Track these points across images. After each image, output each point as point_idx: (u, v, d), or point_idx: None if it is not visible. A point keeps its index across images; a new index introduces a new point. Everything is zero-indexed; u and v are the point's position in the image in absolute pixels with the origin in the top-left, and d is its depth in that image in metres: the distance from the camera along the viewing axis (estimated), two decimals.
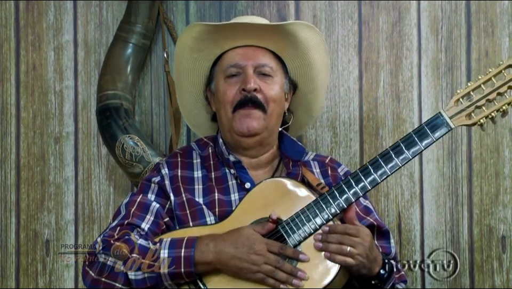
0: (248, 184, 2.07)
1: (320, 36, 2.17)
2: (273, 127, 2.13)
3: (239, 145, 2.11)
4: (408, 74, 2.66)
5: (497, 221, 2.63)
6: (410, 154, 1.92)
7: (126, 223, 2.00)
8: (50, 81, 2.74)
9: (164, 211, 2.05)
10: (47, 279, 2.71)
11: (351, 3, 2.68)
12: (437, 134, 1.92)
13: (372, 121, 2.67)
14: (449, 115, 1.92)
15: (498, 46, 2.65)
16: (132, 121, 2.60)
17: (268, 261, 1.86)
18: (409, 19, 2.67)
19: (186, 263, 1.87)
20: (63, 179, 2.72)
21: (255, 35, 2.11)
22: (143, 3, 2.62)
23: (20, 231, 2.73)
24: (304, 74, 2.20)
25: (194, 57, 2.17)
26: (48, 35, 2.75)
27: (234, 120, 2.07)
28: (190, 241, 1.90)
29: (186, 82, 2.23)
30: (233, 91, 2.08)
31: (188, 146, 2.23)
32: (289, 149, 2.16)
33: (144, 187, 2.10)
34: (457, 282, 2.62)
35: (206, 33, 2.11)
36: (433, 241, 2.64)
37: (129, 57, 2.63)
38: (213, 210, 2.03)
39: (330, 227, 1.90)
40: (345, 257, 1.87)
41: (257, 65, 2.10)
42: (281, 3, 2.69)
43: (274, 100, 2.09)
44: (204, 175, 2.11)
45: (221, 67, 2.13)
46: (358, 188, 1.92)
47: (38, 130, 2.74)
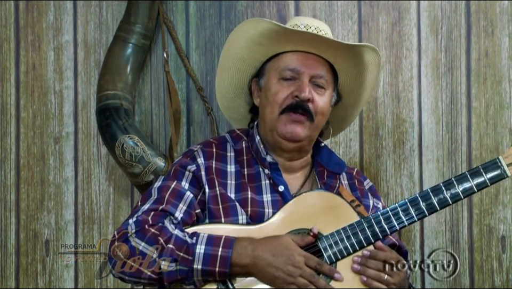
0: (281, 187, 2.05)
1: (380, 59, 2.15)
2: (314, 137, 2.13)
3: (278, 146, 2.10)
4: (408, 74, 2.66)
5: (497, 221, 2.63)
6: (462, 194, 1.93)
7: (160, 208, 1.95)
8: (50, 81, 2.74)
9: (196, 202, 2.02)
10: (46, 279, 2.71)
11: (350, 3, 2.68)
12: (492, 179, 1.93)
13: (371, 121, 2.67)
14: (507, 163, 1.93)
15: (498, 46, 2.65)
16: (131, 121, 2.60)
17: (304, 274, 1.86)
18: (409, 20, 2.67)
19: (222, 263, 1.85)
20: (63, 179, 2.72)
21: (319, 45, 2.07)
22: (143, 4, 2.61)
23: (19, 231, 2.73)
24: (353, 89, 2.19)
25: (252, 48, 2.13)
26: (48, 36, 2.75)
27: (279, 121, 2.05)
28: (228, 241, 1.88)
29: (233, 68, 2.19)
30: (285, 94, 2.05)
31: (222, 137, 2.18)
32: (326, 159, 2.15)
33: (179, 174, 2.05)
34: (457, 282, 2.63)
35: (273, 32, 2.07)
36: (433, 241, 2.64)
37: (129, 57, 2.63)
38: (245, 208, 2.00)
39: (372, 252, 1.91)
40: (381, 285, 1.89)
41: (314, 75, 2.07)
42: (281, 4, 2.69)
43: (323, 113, 2.08)
44: (237, 170, 2.08)
45: (277, 66, 2.10)
46: (404, 218, 1.93)
47: (37, 130, 2.74)
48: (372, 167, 2.66)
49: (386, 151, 2.67)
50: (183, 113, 2.67)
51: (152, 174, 2.53)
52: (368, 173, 2.63)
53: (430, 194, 1.94)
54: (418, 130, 2.66)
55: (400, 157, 2.66)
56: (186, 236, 1.89)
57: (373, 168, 2.66)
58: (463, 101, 2.65)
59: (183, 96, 2.69)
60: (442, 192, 1.93)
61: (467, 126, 2.65)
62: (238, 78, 2.20)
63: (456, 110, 2.65)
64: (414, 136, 2.66)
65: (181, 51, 2.68)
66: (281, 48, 2.10)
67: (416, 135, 2.66)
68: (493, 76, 2.65)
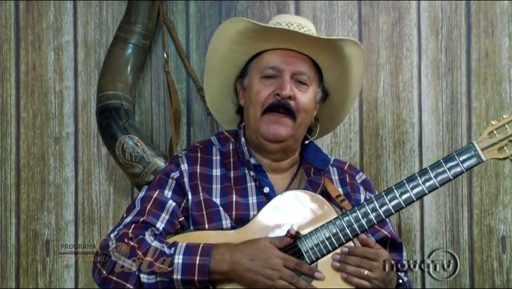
0: (267, 189, 2.04)
1: (363, 53, 2.12)
2: (299, 136, 2.11)
3: (262, 147, 2.09)
4: (408, 75, 2.66)
5: (497, 221, 2.63)
6: (438, 182, 1.92)
7: (140, 220, 1.97)
8: (50, 82, 2.74)
9: (180, 210, 2.02)
10: (47, 279, 2.71)
11: (351, 3, 2.68)
12: (467, 164, 1.91)
13: (371, 121, 2.67)
14: (482, 147, 1.91)
15: (498, 46, 2.65)
16: (132, 122, 2.60)
17: (283, 277, 1.85)
18: (409, 20, 2.67)
19: (201, 271, 1.86)
20: (63, 179, 2.72)
21: (300, 41, 2.06)
22: (143, 4, 2.61)
23: (20, 231, 2.73)
24: (339, 85, 2.16)
25: (233, 48, 2.12)
26: (48, 36, 2.75)
27: (262, 122, 2.04)
28: (206, 248, 1.88)
29: (218, 69, 2.18)
30: (267, 92, 2.04)
31: (207, 141, 2.18)
32: (313, 156, 2.14)
33: (162, 182, 2.06)
34: (457, 282, 2.63)
35: (252, 31, 2.06)
36: (433, 241, 2.64)
37: (129, 57, 2.62)
38: (230, 212, 2.00)
39: (350, 249, 1.90)
40: (362, 281, 1.87)
41: (296, 72, 2.05)
42: (281, 4, 2.69)
43: (306, 110, 2.06)
44: (222, 173, 2.08)
45: (259, 65, 2.09)
46: (381, 211, 1.92)
47: (38, 131, 2.74)
48: (372, 167, 2.66)
49: (386, 151, 2.67)
50: (183, 114, 2.67)
51: (152, 174, 2.53)
52: (368, 173, 2.63)
53: (406, 185, 1.92)
54: (418, 130, 2.66)
55: (401, 157, 2.66)
56: (165, 247, 1.90)
57: (373, 168, 2.66)
58: (463, 101, 2.65)
59: (183, 96, 2.69)
60: (418, 182, 1.92)
61: (467, 126, 2.65)
62: (223, 79, 2.20)
63: (457, 110, 2.65)
64: (414, 136, 2.66)
65: (181, 52, 2.68)
66: (262, 46, 2.09)
67: (417, 135, 2.66)
68: (493, 76, 2.65)
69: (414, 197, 1.91)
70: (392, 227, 2.15)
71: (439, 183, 1.91)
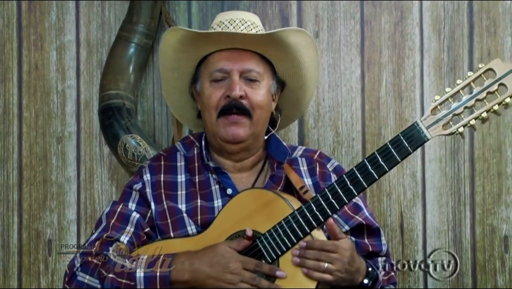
0: (229, 190, 2.04)
1: (310, 38, 2.11)
2: (259, 132, 2.09)
3: (223, 149, 2.09)
4: (411, 74, 2.66)
5: (499, 221, 2.63)
6: (387, 165, 1.85)
7: (104, 236, 1.99)
8: (52, 81, 2.74)
9: (145, 221, 2.03)
10: (49, 278, 2.71)
11: (353, 3, 2.68)
12: (413, 144, 1.84)
13: (374, 120, 2.67)
14: (426, 125, 1.84)
15: (501, 46, 2.65)
16: (134, 121, 2.60)
17: (244, 279, 1.84)
18: (412, 19, 2.67)
19: (162, 283, 1.86)
20: (65, 179, 2.72)
21: (242, 39, 2.04)
22: (145, 3, 2.62)
23: (22, 231, 2.73)
24: (294, 73, 2.14)
25: (179, 56, 2.12)
26: (51, 35, 2.75)
27: (218, 126, 2.04)
28: (166, 260, 1.88)
29: (171, 78, 2.19)
30: (218, 96, 2.03)
31: (172, 147, 2.19)
32: (275, 149, 2.12)
33: (126, 195, 2.08)
34: (459, 282, 2.62)
35: (190, 38, 2.06)
36: (436, 241, 2.64)
37: (131, 57, 2.63)
38: (195, 218, 2.01)
39: (308, 243, 1.87)
40: (323, 274, 1.84)
41: (243, 70, 2.04)
42: (283, 3, 2.69)
43: (261, 106, 2.05)
44: (187, 179, 2.08)
45: (207, 69, 2.08)
46: (335, 202, 1.87)
47: (40, 130, 2.74)
48: None
49: None
50: None
51: None
52: None
53: (356, 172, 1.86)
54: None
55: None
56: (127, 262, 1.91)
57: None
58: None
59: None
60: (368, 169, 1.85)
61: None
62: (178, 87, 2.20)
63: None
64: None
65: None
66: (205, 50, 2.08)
67: None
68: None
69: (364, 182, 1.86)
70: (368, 212, 2.11)
71: (388, 166, 1.85)
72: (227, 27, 2.07)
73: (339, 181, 1.88)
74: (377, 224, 2.12)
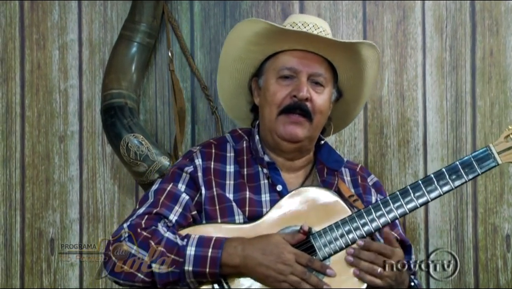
0: (279, 187, 2.05)
1: (378, 54, 2.13)
2: (314, 136, 2.12)
3: (277, 146, 2.09)
4: (413, 73, 2.66)
5: (501, 220, 2.63)
6: (454, 185, 1.92)
7: (154, 212, 1.97)
8: (55, 80, 2.75)
9: (193, 204, 2.02)
10: (51, 278, 2.71)
11: (355, 2, 2.68)
12: (482, 167, 1.92)
13: (376, 120, 2.67)
14: (498, 151, 1.92)
15: (503, 45, 2.65)
16: (136, 120, 2.60)
17: (295, 272, 1.85)
18: (414, 18, 2.67)
19: (212, 263, 1.86)
20: (67, 178, 2.73)
21: (317, 43, 2.06)
22: (148, 3, 2.62)
23: (24, 230, 2.73)
24: (353, 85, 2.16)
25: (249, 48, 2.11)
26: (53, 34, 2.75)
27: (278, 123, 2.05)
28: (218, 242, 1.88)
29: (232, 68, 2.18)
30: (283, 94, 2.04)
31: (222, 137, 2.19)
32: (326, 156, 2.14)
33: (176, 176, 2.06)
34: (461, 281, 2.62)
35: (270, 32, 2.06)
36: (438, 240, 2.64)
37: (133, 56, 2.63)
38: (243, 208, 2.01)
39: (366, 243, 1.89)
40: (374, 278, 1.87)
41: (313, 73, 2.05)
42: (285, 3, 2.69)
43: (322, 111, 2.07)
44: (236, 170, 2.08)
45: (275, 66, 2.09)
46: (397, 212, 1.91)
47: (42, 129, 2.74)
48: (376, 166, 2.66)
49: (391, 150, 2.66)
50: (188, 112, 2.68)
51: (157, 173, 2.53)
52: (373, 171, 2.61)
53: (421, 185, 1.92)
54: (423, 129, 2.66)
55: (405, 155, 2.66)
56: (178, 238, 1.90)
57: (378, 167, 2.66)
58: (468, 100, 2.65)
59: (187, 95, 2.69)
60: (434, 184, 1.91)
61: (472, 125, 2.65)
62: (238, 78, 2.20)
63: (461, 108, 2.65)
64: (419, 135, 2.66)
65: (186, 50, 2.68)
66: (279, 47, 2.09)
67: (421, 133, 2.66)
68: (498, 75, 2.65)
69: (429, 199, 1.92)
70: (401, 230, 2.16)
71: (455, 185, 1.92)
72: (300, 29, 2.08)
73: (403, 193, 1.92)
74: (409, 242, 2.16)
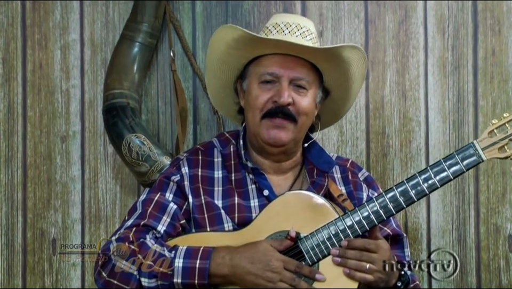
0: (266, 191, 2.04)
1: (362, 53, 2.10)
2: (300, 138, 2.11)
3: (263, 150, 2.09)
4: (415, 73, 2.66)
5: (504, 220, 2.63)
6: (438, 181, 1.90)
7: (141, 224, 1.97)
8: (56, 80, 2.75)
9: (181, 213, 2.02)
10: (53, 278, 2.71)
11: (357, 2, 2.68)
12: (466, 163, 1.89)
13: (378, 120, 2.67)
14: (482, 147, 1.90)
15: (505, 45, 2.65)
16: (138, 120, 2.60)
17: (284, 279, 1.85)
18: (416, 18, 2.67)
19: (201, 275, 1.86)
20: (69, 178, 2.73)
21: (298, 48, 2.04)
22: (150, 3, 2.62)
23: (26, 230, 2.73)
24: (340, 84, 2.15)
25: (230, 52, 2.11)
26: (55, 35, 2.75)
27: (261, 127, 2.04)
28: (206, 252, 1.88)
29: (218, 70, 2.17)
30: (265, 98, 2.03)
31: (209, 143, 2.18)
32: (316, 157, 2.13)
33: (163, 185, 2.07)
34: (463, 281, 2.62)
35: (247, 39, 2.05)
36: (440, 240, 2.64)
37: (135, 56, 2.63)
38: (232, 215, 2.00)
39: (349, 242, 1.89)
40: (364, 274, 1.87)
41: (294, 77, 2.03)
42: (287, 3, 2.69)
43: (306, 113, 2.05)
44: (224, 176, 2.08)
45: (257, 70, 2.07)
46: (382, 212, 1.90)
47: (44, 129, 2.74)
48: (378, 166, 2.66)
49: (393, 149, 2.66)
50: (190, 112, 2.68)
51: (159, 173, 2.53)
52: (375, 171, 2.63)
53: (406, 184, 1.90)
54: (425, 129, 2.66)
55: (407, 155, 2.66)
56: (165, 250, 1.91)
57: (380, 167, 2.66)
58: (470, 100, 2.65)
59: (189, 95, 2.69)
60: (418, 182, 1.90)
61: (474, 124, 2.65)
62: (223, 79, 2.19)
63: (463, 108, 2.65)
64: (421, 134, 2.66)
65: (188, 50, 2.68)
66: (259, 52, 2.08)
67: (423, 133, 2.66)
68: (500, 75, 2.65)
69: (414, 197, 1.90)
70: (396, 224, 2.14)
71: (440, 182, 1.90)
72: (282, 30, 2.07)
73: (388, 191, 1.91)
74: (405, 235, 2.15)
